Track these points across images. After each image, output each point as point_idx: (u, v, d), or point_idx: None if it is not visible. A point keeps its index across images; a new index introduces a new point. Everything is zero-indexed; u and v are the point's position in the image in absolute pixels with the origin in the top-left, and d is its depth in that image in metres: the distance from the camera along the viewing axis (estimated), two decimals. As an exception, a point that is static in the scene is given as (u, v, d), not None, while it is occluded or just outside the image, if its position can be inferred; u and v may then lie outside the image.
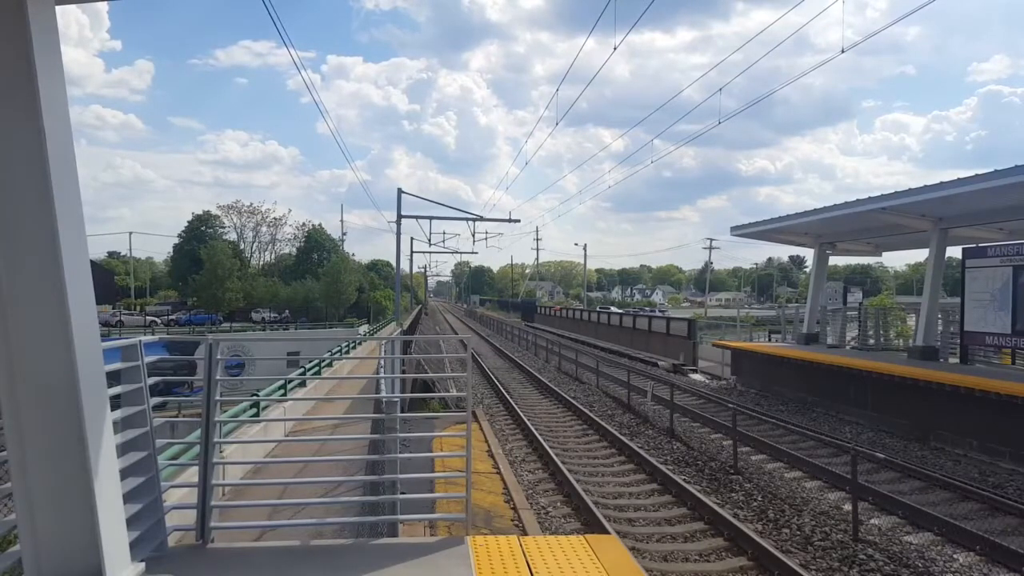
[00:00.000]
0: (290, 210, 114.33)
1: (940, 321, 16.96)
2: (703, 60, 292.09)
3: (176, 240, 75.86)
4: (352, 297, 71.58)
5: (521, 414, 15.48)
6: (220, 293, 65.48)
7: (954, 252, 18.11)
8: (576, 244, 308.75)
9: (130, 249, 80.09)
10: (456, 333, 46.08)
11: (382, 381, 8.52)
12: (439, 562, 3.86)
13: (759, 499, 9.47)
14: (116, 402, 3.68)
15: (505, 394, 18.83)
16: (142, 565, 3.53)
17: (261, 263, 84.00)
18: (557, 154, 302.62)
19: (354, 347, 22.23)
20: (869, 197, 16.35)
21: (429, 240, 38.50)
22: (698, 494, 9.23)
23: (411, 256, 55.47)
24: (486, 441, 11.77)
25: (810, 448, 12.46)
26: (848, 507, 8.45)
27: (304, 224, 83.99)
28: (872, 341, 20.17)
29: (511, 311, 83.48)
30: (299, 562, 3.84)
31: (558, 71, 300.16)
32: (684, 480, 10.07)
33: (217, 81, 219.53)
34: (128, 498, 3.53)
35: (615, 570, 3.76)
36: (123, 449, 3.66)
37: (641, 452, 11.70)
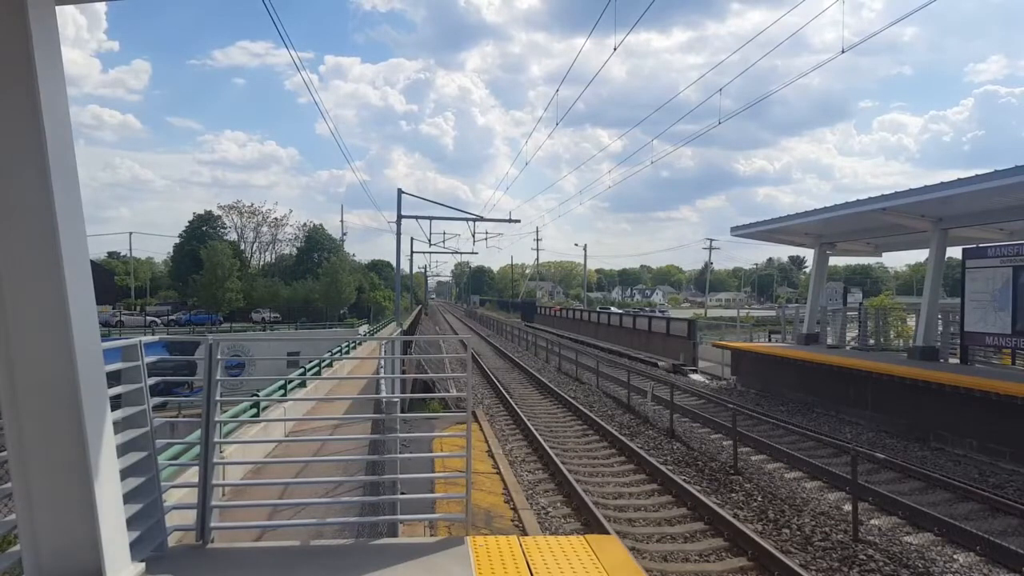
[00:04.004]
0: (291, 211, 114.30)
1: (940, 321, 16.96)
2: (699, 60, 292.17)
3: (176, 240, 75.98)
4: (352, 297, 71.56)
5: (521, 414, 15.48)
6: (220, 293, 65.45)
7: (954, 252, 18.14)
8: (576, 244, 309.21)
9: (130, 249, 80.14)
10: (456, 333, 46.08)
11: (382, 381, 8.52)
12: (439, 562, 3.85)
13: (759, 499, 9.47)
14: (116, 402, 3.68)
15: (505, 394, 18.83)
16: (142, 565, 3.52)
17: (261, 263, 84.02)
18: (555, 154, 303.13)
19: (354, 347, 22.24)
20: (869, 197, 16.36)
21: (429, 240, 38.49)
22: (698, 494, 9.23)
23: (411, 256, 55.52)
24: (486, 441, 11.76)
25: (810, 448, 12.45)
26: (848, 507, 8.45)
27: (305, 224, 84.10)
28: (872, 341, 20.18)
29: (511, 311, 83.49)
30: (299, 562, 3.84)
31: (554, 71, 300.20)
32: (684, 480, 10.07)
33: (215, 81, 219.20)
34: (128, 498, 3.53)
35: (615, 570, 3.75)
36: (123, 449, 3.66)
37: (641, 452, 11.70)
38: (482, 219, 34.36)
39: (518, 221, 37.83)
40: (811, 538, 7.96)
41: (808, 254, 25.12)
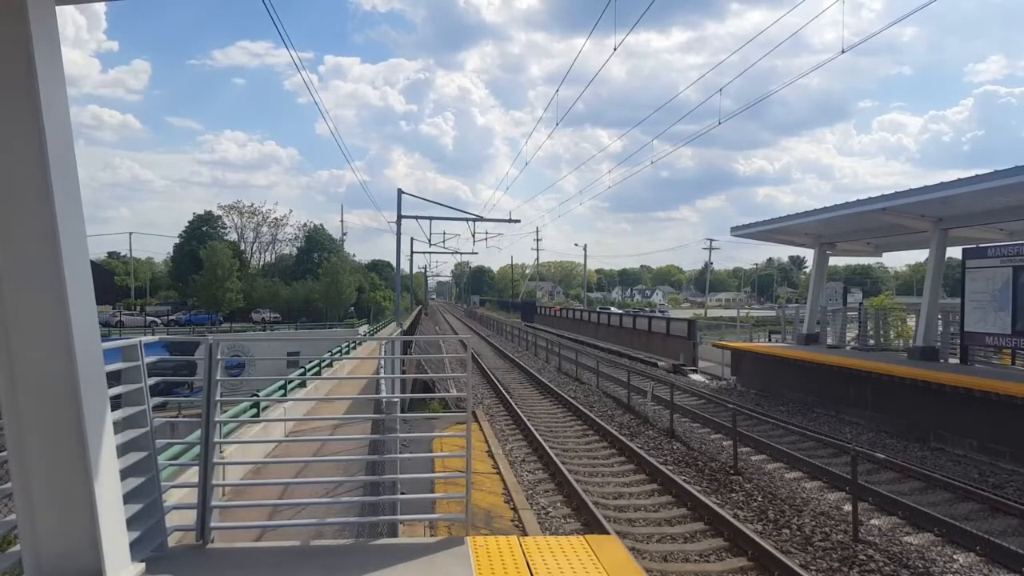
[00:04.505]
0: (291, 210, 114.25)
1: (940, 321, 16.96)
2: (698, 60, 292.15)
3: (176, 240, 76.03)
4: (352, 297, 71.59)
5: (521, 414, 15.47)
6: (220, 293, 65.49)
7: (954, 252, 18.14)
8: (576, 244, 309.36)
9: (130, 249, 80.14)
10: (456, 333, 46.08)
11: (382, 381, 8.52)
12: (439, 562, 3.85)
13: (759, 499, 9.47)
14: (116, 402, 3.68)
15: (505, 394, 18.83)
16: (142, 565, 3.52)
17: (261, 263, 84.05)
18: (555, 154, 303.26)
19: (354, 347, 22.25)
20: (869, 197, 16.37)
21: (429, 240, 38.54)
22: (698, 494, 9.23)
23: (411, 256, 55.51)
24: (486, 441, 11.76)
25: (810, 448, 12.45)
26: (848, 507, 8.45)
27: (305, 224, 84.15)
28: (872, 341, 20.17)
29: (511, 311, 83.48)
30: (299, 562, 3.84)
31: (554, 72, 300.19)
32: (684, 480, 10.07)
33: (215, 81, 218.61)
34: (128, 498, 3.53)
35: (615, 570, 3.75)
36: (123, 449, 3.66)
37: (641, 452, 11.70)
38: (482, 219, 34.37)
39: (518, 221, 37.86)
40: (811, 538, 7.96)
41: (808, 254, 25.16)
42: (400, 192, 32.25)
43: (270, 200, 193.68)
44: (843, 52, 12.34)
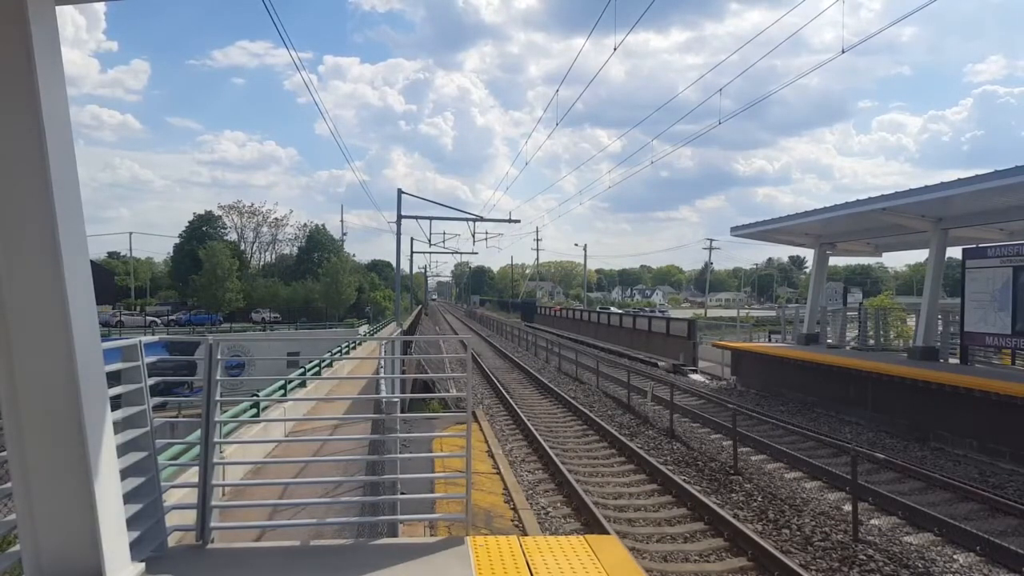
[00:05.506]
0: (291, 211, 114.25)
1: (940, 321, 16.96)
2: (697, 61, 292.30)
3: (176, 240, 76.06)
4: (352, 297, 71.64)
5: (521, 414, 15.48)
6: (220, 293, 65.52)
7: (954, 252, 18.14)
8: (576, 244, 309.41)
9: (130, 249, 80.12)
10: (456, 333, 46.08)
11: (382, 381, 8.51)
12: (439, 562, 3.85)
13: (759, 499, 9.47)
14: (116, 402, 3.68)
15: (505, 394, 18.83)
16: (142, 565, 3.52)
17: (261, 263, 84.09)
18: (555, 155, 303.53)
19: (354, 347, 22.25)
20: (869, 197, 16.37)
21: (429, 240, 38.51)
22: (698, 494, 9.23)
23: (411, 256, 55.46)
24: (486, 441, 11.76)
25: (810, 448, 12.45)
26: (848, 507, 8.46)
27: (305, 225, 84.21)
28: (872, 341, 20.17)
29: (511, 311, 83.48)
30: (299, 562, 3.84)
31: (553, 72, 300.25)
32: (684, 480, 10.07)
33: (214, 81, 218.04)
34: (128, 498, 3.53)
35: (615, 570, 3.75)
36: (123, 449, 3.66)
37: (641, 452, 11.70)
38: (482, 219, 34.35)
39: (518, 221, 37.81)
40: (811, 538, 7.96)
41: (808, 254, 25.16)
42: (400, 192, 32.24)
43: (270, 200, 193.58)
44: (843, 52, 12.35)
